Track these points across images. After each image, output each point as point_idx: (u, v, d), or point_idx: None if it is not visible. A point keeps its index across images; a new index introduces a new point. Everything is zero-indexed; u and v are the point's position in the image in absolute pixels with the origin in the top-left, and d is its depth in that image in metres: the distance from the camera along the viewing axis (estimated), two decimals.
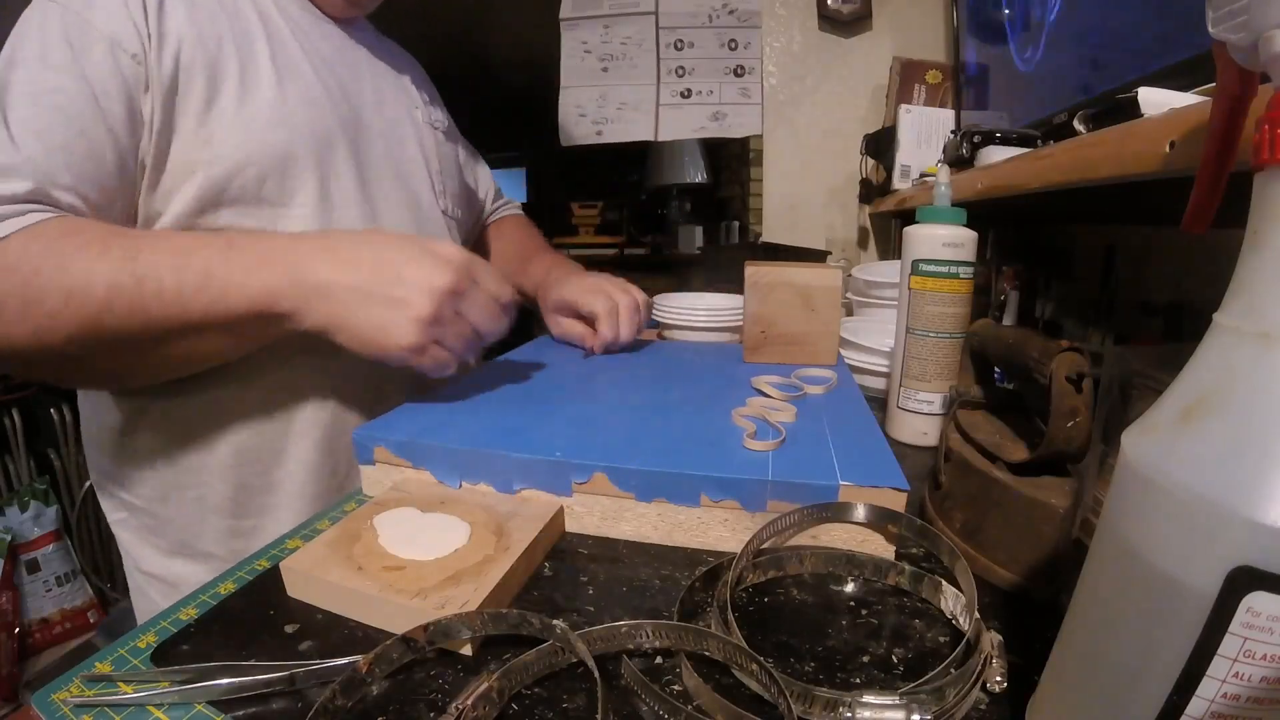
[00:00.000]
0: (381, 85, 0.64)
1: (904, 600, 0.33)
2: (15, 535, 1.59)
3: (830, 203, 1.69)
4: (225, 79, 0.49)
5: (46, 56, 0.43)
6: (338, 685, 0.25)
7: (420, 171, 0.66)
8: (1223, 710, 0.16)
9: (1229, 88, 0.21)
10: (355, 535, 0.35)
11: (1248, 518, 0.14)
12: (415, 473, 0.43)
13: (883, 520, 0.36)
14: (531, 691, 0.27)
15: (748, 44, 1.42)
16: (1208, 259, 0.63)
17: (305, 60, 0.55)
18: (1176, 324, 0.65)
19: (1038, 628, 0.29)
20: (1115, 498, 0.18)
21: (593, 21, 1.43)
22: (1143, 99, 0.47)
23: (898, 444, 0.56)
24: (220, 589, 0.34)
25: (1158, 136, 0.35)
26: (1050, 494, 0.32)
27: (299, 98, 0.53)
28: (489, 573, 0.32)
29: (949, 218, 0.53)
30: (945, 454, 0.40)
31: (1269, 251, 0.16)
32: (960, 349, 0.48)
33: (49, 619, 1.64)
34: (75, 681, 0.26)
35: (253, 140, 0.50)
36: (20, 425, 1.66)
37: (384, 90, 0.64)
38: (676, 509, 0.38)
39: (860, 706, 0.24)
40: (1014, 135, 0.77)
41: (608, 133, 1.47)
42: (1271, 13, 0.16)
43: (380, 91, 0.63)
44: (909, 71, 1.49)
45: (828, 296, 0.63)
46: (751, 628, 0.30)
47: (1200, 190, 0.23)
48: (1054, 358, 0.32)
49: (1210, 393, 0.16)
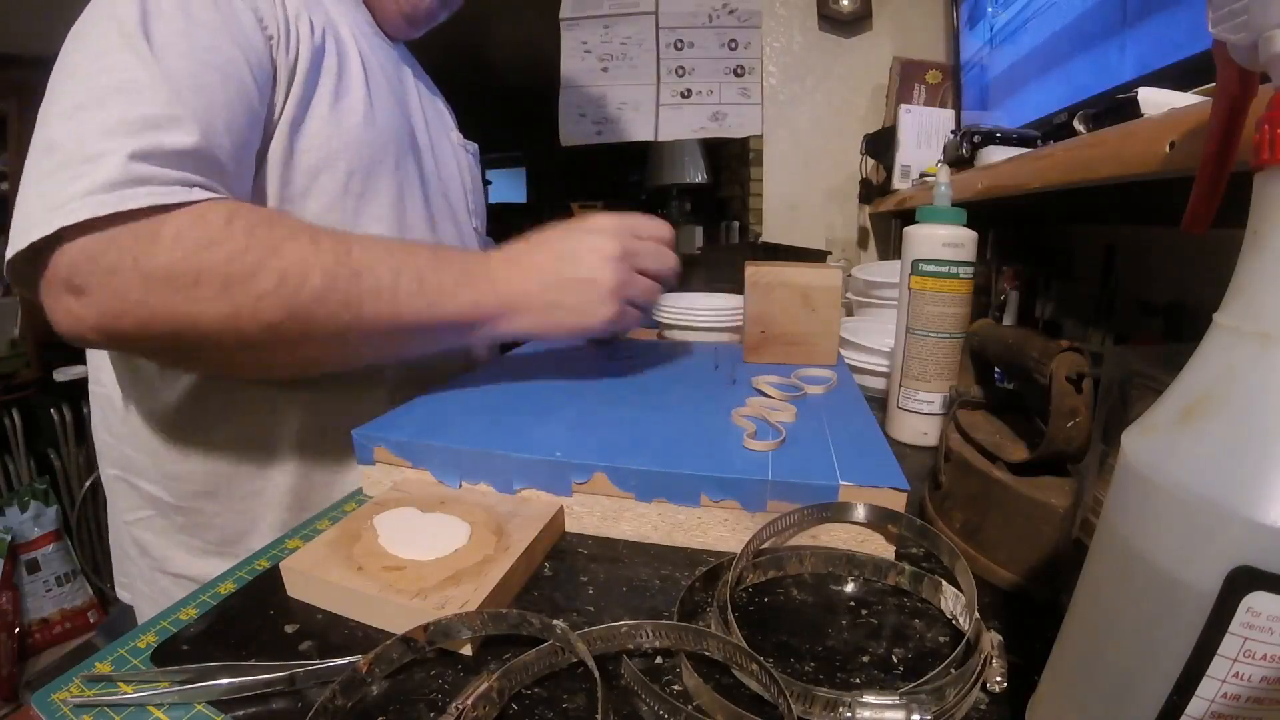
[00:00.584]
0: (425, 106, 0.66)
1: (904, 600, 0.33)
2: (15, 535, 1.59)
3: (830, 203, 1.69)
4: (328, 72, 0.50)
5: (191, 12, 0.40)
6: (338, 685, 0.25)
7: (458, 190, 0.69)
8: (1223, 710, 0.16)
9: (1229, 88, 0.21)
10: (355, 535, 0.35)
11: (1248, 518, 0.14)
12: (415, 473, 0.43)
13: (883, 520, 0.36)
14: (531, 691, 0.27)
15: (748, 44, 1.42)
16: (1208, 259, 0.63)
17: (380, 70, 0.57)
18: (1176, 324, 0.65)
19: (1038, 628, 0.29)
20: (1115, 498, 0.18)
21: (593, 21, 1.43)
22: (1143, 99, 0.47)
23: (898, 444, 0.56)
24: (220, 589, 0.34)
25: (1158, 136, 0.35)
26: (1050, 494, 0.32)
27: (381, 104, 0.54)
28: (489, 573, 0.32)
29: (949, 218, 0.53)
30: (945, 454, 0.40)
31: (1269, 251, 0.16)
32: (960, 349, 0.48)
33: (49, 619, 1.64)
34: (75, 681, 0.26)
35: (344, 136, 0.50)
36: (20, 425, 1.66)
37: (427, 111, 0.66)
38: (676, 509, 0.38)
39: (860, 706, 0.24)
40: (1014, 135, 0.77)
41: (608, 133, 1.47)
42: (1271, 13, 0.16)
43: (425, 113, 0.66)
44: (909, 71, 1.49)
45: (828, 296, 0.63)
46: (751, 628, 0.30)
47: (1200, 190, 0.23)
48: (1054, 358, 0.32)
49: (1210, 393, 0.16)
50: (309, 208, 0.50)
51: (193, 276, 0.36)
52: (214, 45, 0.40)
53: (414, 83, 0.66)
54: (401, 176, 0.56)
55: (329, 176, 0.50)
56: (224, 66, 0.40)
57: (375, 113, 0.53)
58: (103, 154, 0.35)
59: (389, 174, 0.54)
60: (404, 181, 0.56)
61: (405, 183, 0.56)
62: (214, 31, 0.41)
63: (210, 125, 0.39)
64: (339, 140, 0.50)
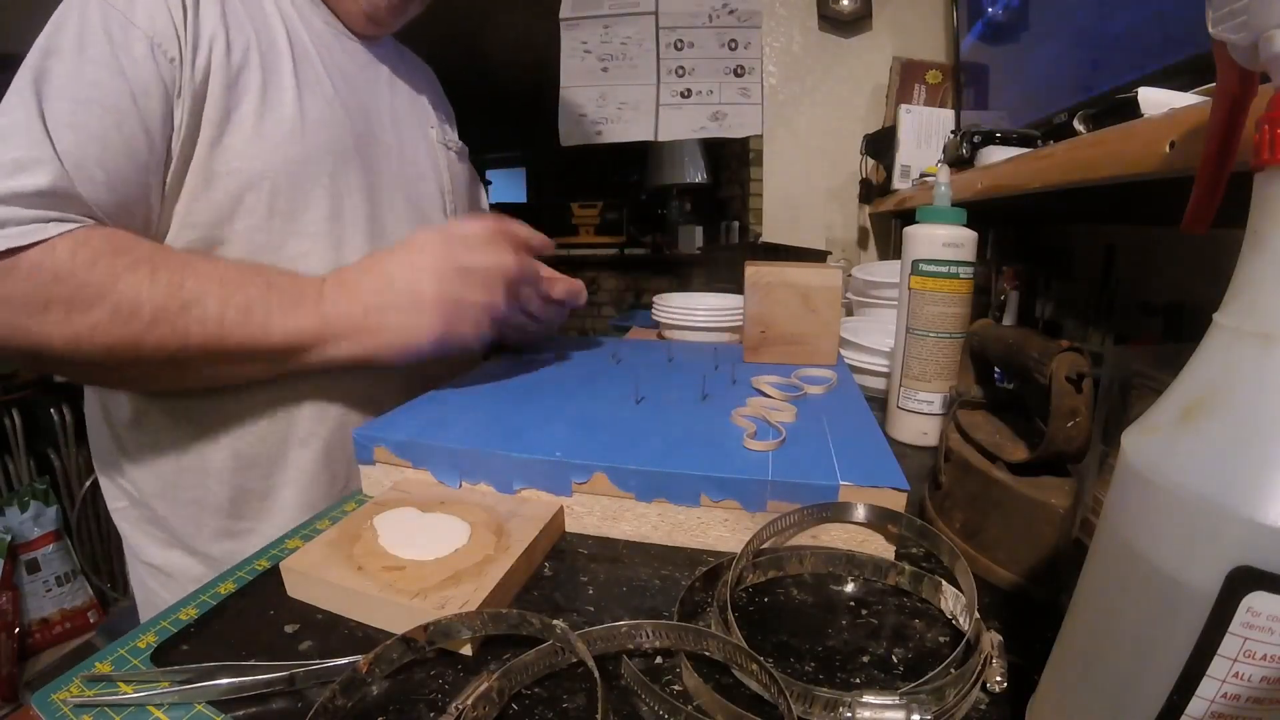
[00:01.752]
0: (398, 103, 0.65)
1: (904, 600, 0.33)
2: (15, 535, 1.59)
3: (830, 203, 1.69)
4: (248, 89, 0.50)
5: (85, 49, 0.43)
6: (338, 685, 0.25)
7: (432, 190, 0.67)
8: (1223, 710, 0.16)
9: (1229, 88, 0.21)
10: (355, 535, 0.35)
11: (1248, 518, 0.14)
12: (415, 473, 0.43)
13: (883, 520, 0.36)
14: (531, 691, 0.27)
15: (748, 44, 1.42)
16: (1208, 259, 0.63)
17: (326, 75, 0.56)
18: (1176, 324, 0.65)
19: (1038, 628, 0.29)
20: (1115, 498, 0.18)
21: (593, 21, 1.43)
22: (1143, 99, 0.47)
23: (898, 444, 0.56)
24: (220, 589, 0.34)
25: (1158, 136, 0.35)
26: (1050, 494, 0.32)
27: (317, 114, 0.54)
28: (489, 573, 0.32)
29: (949, 218, 0.53)
30: (945, 454, 0.40)
31: (1269, 252, 0.16)
32: (960, 349, 0.48)
33: (49, 619, 1.64)
34: (75, 681, 0.26)
35: (270, 154, 0.50)
36: (20, 425, 1.66)
37: (400, 108, 0.65)
38: (676, 509, 0.38)
39: (860, 706, 0.24)
40: (1014, 135, 0.77)
41: (608, 133, 1.47)
42: (1271, 13, 0.16)
43: (396, 110, 0.64)
44: (909, 71, 1.49)
45: (828, 296, 0.63)
46: (751, 628, 0.30)
47: (1200, 190, 0.23)
48: (1054, 358, 0.32)
49: (1210, 393, 0.16)
50: (236, 228, 0.50)
51: (41, 304, 0.40)
52: (98, 80, 0.43)
53: (387, 82, 0.64)
54: (339, 187, 0.55)
55: (254, 196, 0.50)
56: (104, 100, 0.43)
57: (306, 122, 0.52)
58: None
59: (322, 188, 0.54)
60: (342, 193, 0.55)
61: (344, 195, 0.55)
62: (101, 65, 0.43)
63: (80, 161, 0.42)
64: (262, 160, 0.50)
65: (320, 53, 0.56)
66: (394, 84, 0.66)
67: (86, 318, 0.41)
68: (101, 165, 0.43)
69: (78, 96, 0.42)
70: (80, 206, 0.42)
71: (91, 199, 0.43)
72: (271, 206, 0.51)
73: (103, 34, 0.44)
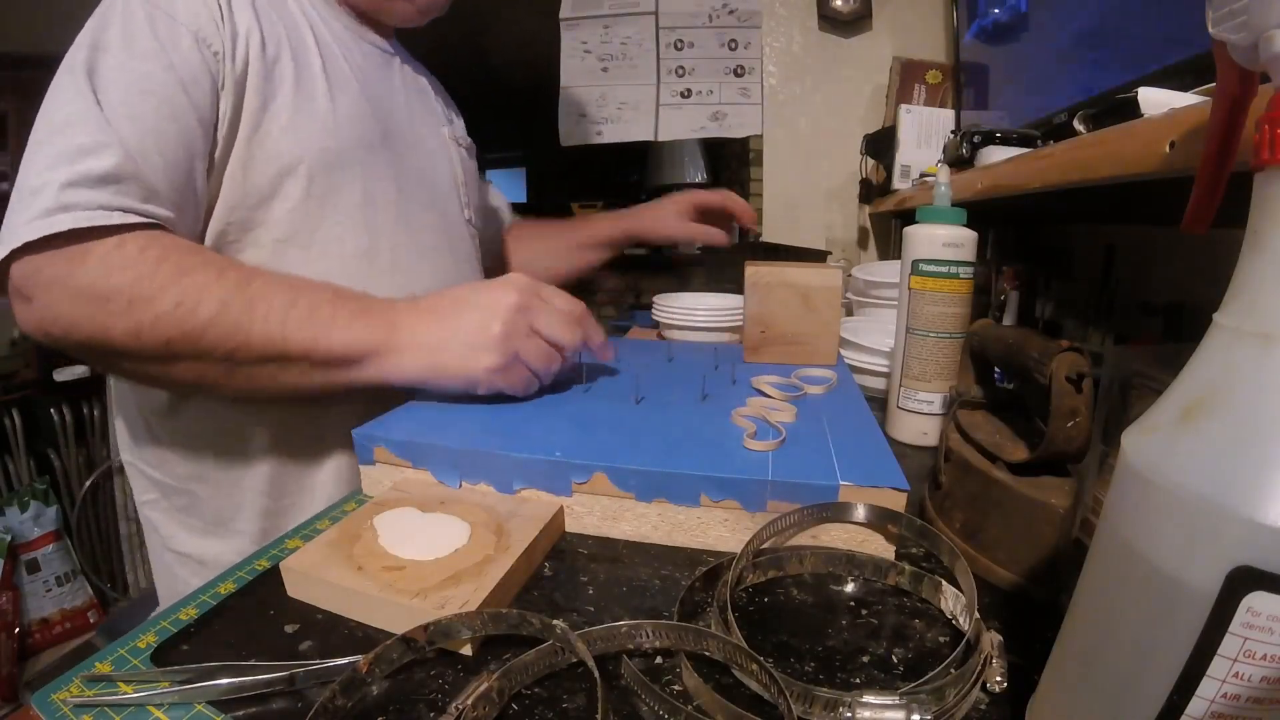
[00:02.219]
0: (413, 102, 0.68)
1: (904, 600, 0.33)
2: (15, 535, 1.59)
3: (830, 203, 1.69)
4: (283, 81, 0.52)
5: (133, 45, 0.45)
6: (338, 685, 0.25)
7: (448, 184, 0.69)
8: (1223, 710, 0.16)
9: (1229, 88, 0.21)
10: (355, 535, 0.35)
11: (1248, 518, 0.14)
12: (415, 473, 0.43)
13: (883, 520, 0.36)
14: (531, 691, 0.27)
15: (748, 44, 1.42)
16: (1208, 259, 0.63)
17: (351, 74, 0.58)
18: (1176, 324, 0.65)
19: (1038, 628, 0.29)
20: (1115, 498, 0.18)
21: (593, 21, 1.43)
22: (1143, 99, 0.47)
23: (898, 444, 0.56)
24: (220, 589, 0.34)
25: (1158, 136, 0.35)
26: (1050, 494, 0.32)
27: (347, 109, 0.56)
28: (489, 573, 0.32)
29: (949, 218, 0.53)
30: (945, 454, 0.40)
31: (1269, 252, 0.16)
32: (960, 349, 0.48)
33: (49, 619, 1.64)
34: (75, 681, 0.26)
35: (306, 142, 0.52)
36: (20, 425, 1.66)
37: (415, 107, 0.68)
38: (676, 509, 0.38)
39: (860, 706, 0.24)
40: (1014, 135, 0.77)
41: (608, 133, 1.47)
42: (1271, 13, 0.16)
43: (411, 108, 0.67)
44: (909, 71, 1.49)
45: (828, 296, 0.63)
46: (751, 628, 0.30)
47: (1200, 190, 0.23)
48: (1054, 358, 0.32)
49: (1210, 393, 0.16)
50: (274, 211, 0.52)
51: (105, 294, 0.41)
52: (149, 72, 0.45)
53: (402, 79, 0.67)
54: (370, 176, 0.57)
55: (292, 181, 0.52)
56: (157, 90, 0.45)
57: (338, 116, 0.55)
58: (44, 185, 0.40)
59: (355, 175, 0.56)
60: (373, 180, 0.57)
61: (374, 181, 0.57)
62: (150, 59, 0.45)
63: (140, 146, 0.43)
64: (300, 146, 0.52)
65: (343, 52, 0.58)
66: (407, 84, 0.68)
67: (150, 309, 0.41)
68: (160, 152, 0.44)
69: (131, 89, 0.44)
70: (143, 191, 0.43)
71: (153, 183, 0.44)
72: (308, 191, 0.53)
73: (149, 29, 0.45)
